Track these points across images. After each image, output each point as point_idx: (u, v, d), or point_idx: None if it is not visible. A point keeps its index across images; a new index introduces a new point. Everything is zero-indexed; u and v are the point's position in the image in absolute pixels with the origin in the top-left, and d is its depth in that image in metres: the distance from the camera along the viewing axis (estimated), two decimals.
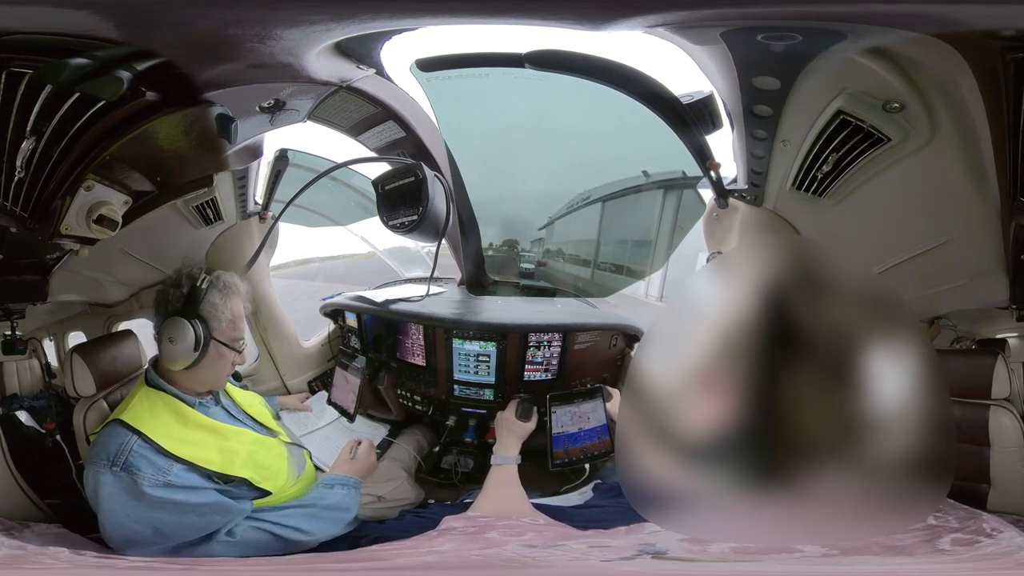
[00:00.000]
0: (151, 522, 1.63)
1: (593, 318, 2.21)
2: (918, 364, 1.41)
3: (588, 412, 2.08)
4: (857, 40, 1.61)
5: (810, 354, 1.40)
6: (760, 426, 1.38)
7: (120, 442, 1.65)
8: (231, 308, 1.79)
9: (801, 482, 1.37)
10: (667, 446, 1.44)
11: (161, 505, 1.63)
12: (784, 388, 1.40)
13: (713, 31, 1.61)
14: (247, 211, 2.11)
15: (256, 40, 1.60)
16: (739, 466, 1.39)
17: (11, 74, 1.57)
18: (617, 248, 2.25)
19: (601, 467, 2.13)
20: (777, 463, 1.38)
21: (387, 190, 1.84)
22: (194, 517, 1.66)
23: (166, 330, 1.73)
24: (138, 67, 1.63)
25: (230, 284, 1.80)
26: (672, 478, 1.44)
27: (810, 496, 1.37)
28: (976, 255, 1.84)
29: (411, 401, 2.27)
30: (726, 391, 1.41)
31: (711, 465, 1.41)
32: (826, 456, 1.37)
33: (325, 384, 2.34)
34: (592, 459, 2.10)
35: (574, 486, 2.09)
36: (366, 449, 2.00)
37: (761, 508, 1.40)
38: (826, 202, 1.88)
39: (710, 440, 1.40)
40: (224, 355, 1.78)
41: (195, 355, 1.73)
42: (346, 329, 2.39)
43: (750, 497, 1.39)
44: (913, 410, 1.39)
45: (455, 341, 2.13)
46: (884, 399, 1.38)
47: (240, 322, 1.81)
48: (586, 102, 1.94)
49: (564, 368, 2.14)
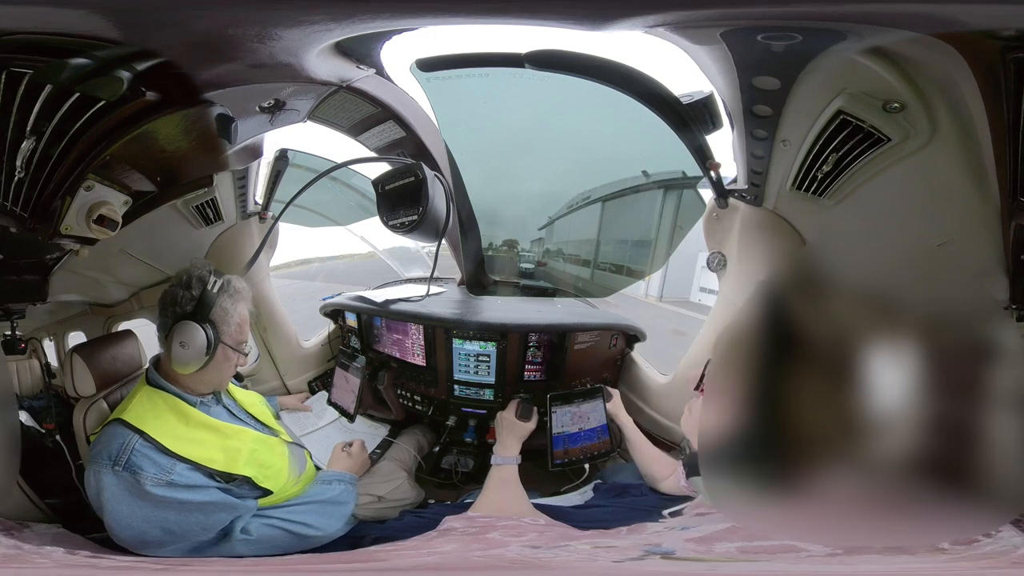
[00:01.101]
0: (158, 521, 1.64)
1: (593, 318, 2.21)
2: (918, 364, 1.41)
3: (588, 412, 2.09)
4: (857, 40, 1.61)
5: (811, 357, 1.41)
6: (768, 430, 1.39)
7: (122, 441, 1.65)
8: (239, 313, 1.80)
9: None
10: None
11: (165, 504, 1.63)
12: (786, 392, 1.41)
13: (713, 31, 1.61)
14: (247, 211, 2.11)
15: (256, 40, 1.60)
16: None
17: (11, 74, 1.57)
18: (617, 248, 2.25)
19: (601, 467, 2.13)
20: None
21: (387, 190, 1.84)
22: (199, 515, 1.66)
23: (177, 334, 1.73)
24: (138, 67, 1.63)
25: (240, 289, 1.81)
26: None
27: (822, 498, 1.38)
28: (976, 255, 1.84)
29: (411, 401, 2.28)
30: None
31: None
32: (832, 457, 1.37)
33: (325, 384, 2.34)
34: (592, 459, 2.10)
35: (574, 486, 2.09)
36: (359, 447, 2.02)
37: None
38: (826, 202, 1.88)
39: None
40: (230, 358, 1.80)
41: (205, 359, 1.73)
42: (346, 329, 2.39)
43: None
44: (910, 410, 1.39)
45: (455, 341, 2.13)
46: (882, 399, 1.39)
47: (246, 326, 1.83)
48: (586, 102, 1.94)
49: (564, 368, 2.14)
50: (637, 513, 1.83)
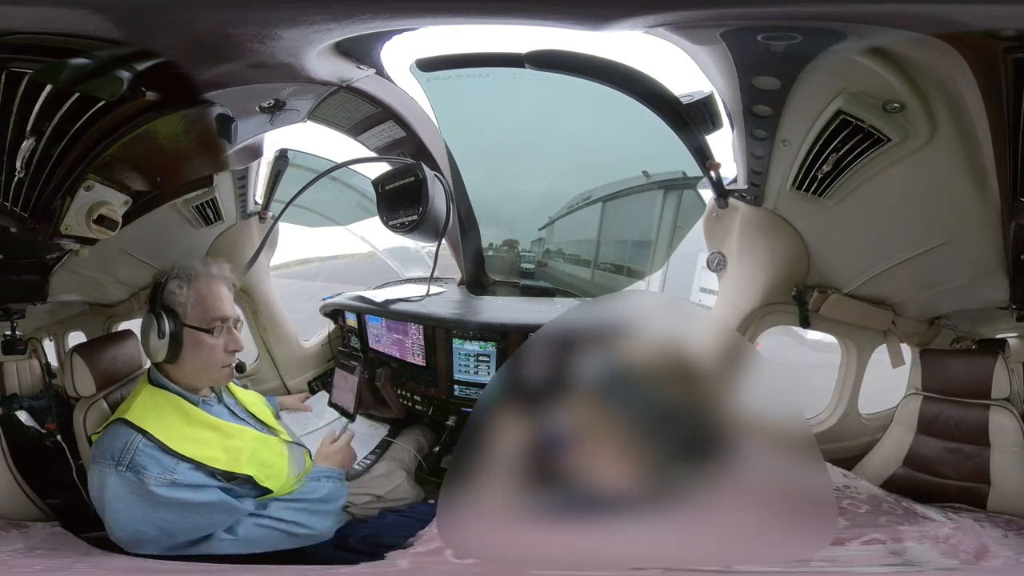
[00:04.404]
0: (157, 521, 1.63)
1: None
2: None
3: None
4: (857, 40, 1.61)
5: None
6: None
7: (125, 441, 1.65)
8: (194, 291, 1.77)
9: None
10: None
11: (167, 505, 1.63)
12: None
13: (713, 31, 1.61)
14: (247, 211, 2.11)
15: (256, 40, 1.60)
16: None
17: (11, 74, 1.57)
18: (617, 248, 2.25)
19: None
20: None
21: (387, 190, 1.84)
22: (198, 517, 1.66)
23: (143, 329, 1.76)
24: (138, 67, 1.63)
25: (186, 268, 1.79)
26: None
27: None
28: (976, 255, 1.84)
29: (411, 401, 2.28)
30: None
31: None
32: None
33: (325, 384, 2.34)
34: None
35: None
36: (345, 440, 1.99)
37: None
38: (826, 202, 1.88)
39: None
40: (202, 341, 1.76)
41: (165, 343, 1.73)
42: (346, 329, 2.39)
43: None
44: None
45: (455, 341, 2.13)
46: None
47: (210, 302, 1.78)
48: (586, 102, 1.94)
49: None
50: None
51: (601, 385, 1.58)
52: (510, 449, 1.56)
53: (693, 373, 1.61)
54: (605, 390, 1.58)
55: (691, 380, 1.60)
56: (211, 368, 1.79)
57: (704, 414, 1.56)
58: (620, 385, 1.58)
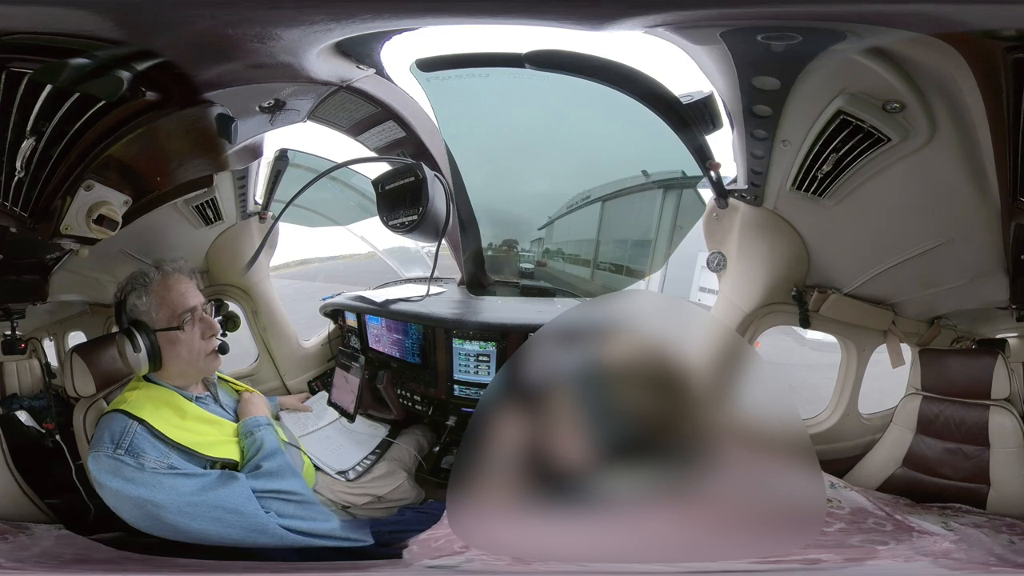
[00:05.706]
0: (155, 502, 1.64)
1: None
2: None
3: None
4: (857, 40, 1.61)
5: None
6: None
7: (123, 426, 1.67)
8: (154, 295, 1.79)
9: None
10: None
11: (164, 488, 1.64)
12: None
13: (713, 31, 1.62)
14: (247, 211, 2.11)
15: (256, 40, 1.60)
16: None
17: (11, 74, 1.57)
18: (617, 248, 2.25)
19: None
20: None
21: (387, 190, 1.85)
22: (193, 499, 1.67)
23: (118, 350, 1.79)
24: (138, 67, 1.63)
25: (140, 277, 1.81)
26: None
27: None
28: (976, 255, 1.84)
29: (411, 401, 2.28)
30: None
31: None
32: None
33: (325, 384, 2.34)
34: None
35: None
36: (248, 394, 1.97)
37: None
38: (826, 202, 1.88)
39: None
40: (176, 338, 1.77)
41: (143, 355, 1.75)
42: (346, 329, 2.39)
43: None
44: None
45: (455, 341, 2.13)
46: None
47: (171, 299, 1.79)
48: (586, 102, 1.94)
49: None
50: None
51: (598, 384, 1.58)
52: (510, 448, 1.56)
53: (689, 373, 1.61)
54: (603, 389, 1.58)
55: (687, 380, 1.60)
56: (195, 359, 1.80)
57: (698, 416, 1.56)
58: (616, 385, 1.58)
